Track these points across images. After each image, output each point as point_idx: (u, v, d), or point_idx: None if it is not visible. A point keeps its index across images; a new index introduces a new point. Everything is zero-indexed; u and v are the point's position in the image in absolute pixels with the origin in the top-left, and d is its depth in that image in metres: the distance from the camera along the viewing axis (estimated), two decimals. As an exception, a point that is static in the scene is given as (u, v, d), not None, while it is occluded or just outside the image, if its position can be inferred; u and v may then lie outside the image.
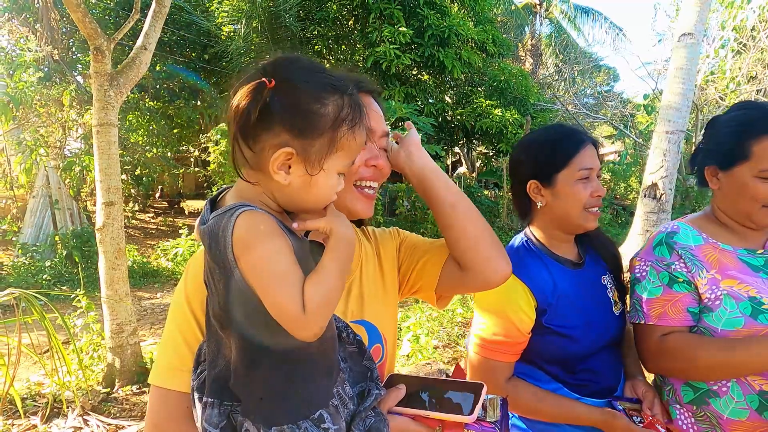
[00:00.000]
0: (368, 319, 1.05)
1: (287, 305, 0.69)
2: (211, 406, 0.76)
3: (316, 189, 0.79)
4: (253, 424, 0.73)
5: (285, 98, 0.75)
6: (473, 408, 0.86)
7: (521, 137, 1.54)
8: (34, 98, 8.49)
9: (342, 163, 0.81)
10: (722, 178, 1.30)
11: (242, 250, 0.70)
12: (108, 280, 3.57)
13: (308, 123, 0.76)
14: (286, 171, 0.77)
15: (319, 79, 0.78)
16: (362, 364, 0.89)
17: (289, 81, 0.76)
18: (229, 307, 0.73)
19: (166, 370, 0.90)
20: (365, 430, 0.80)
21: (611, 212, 13.27)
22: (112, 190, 3.56)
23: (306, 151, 0.76)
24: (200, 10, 12.48)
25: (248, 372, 0.73)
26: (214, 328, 0.78)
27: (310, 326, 0.71)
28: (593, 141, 1.37)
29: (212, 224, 0.73)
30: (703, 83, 10.58)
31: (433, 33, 11.01)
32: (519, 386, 1.32)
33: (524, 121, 12.31)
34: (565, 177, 1.32)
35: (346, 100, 0.79)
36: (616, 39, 21.62)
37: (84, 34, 3.44)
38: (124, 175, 11.84)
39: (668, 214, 5.41)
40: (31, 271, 7.58)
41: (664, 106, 5.45)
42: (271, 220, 0.73)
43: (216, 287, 0.75)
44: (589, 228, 1.36)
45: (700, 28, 5.29)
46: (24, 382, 3.63)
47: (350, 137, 0.79)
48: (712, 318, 1.24)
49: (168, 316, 0.94)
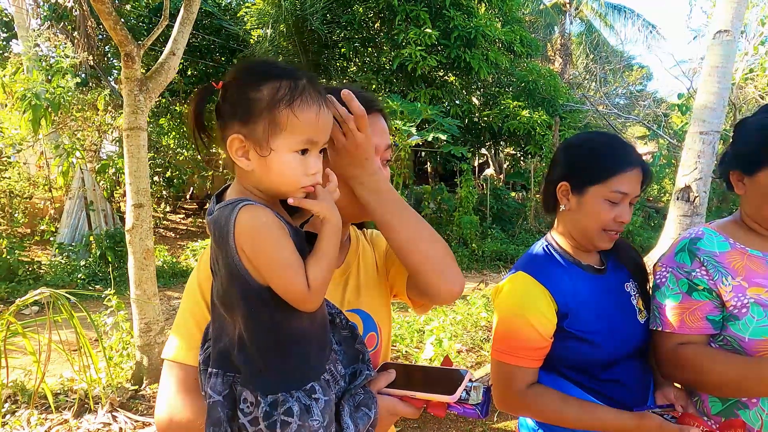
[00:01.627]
0: (364, 308, 1.12)
1: (295, 286, 0.79)
2: (215, 375, 0.84)
3: (277, 169, 0.84)
4: (251, 393, 0.82)
5: (230, 94, 0.84)
6: (455, 389, 0.94)
7: (572, 136, 1.49)
8: (71, 103, 8.80)
9: (292, 142, 0.83)
10: (747, 183, 1.25)
11: (247, 240, 0.79)
12: (137, 280, 3.66)
13: (247, 108, 0.83)
14: (246, 157, 0.84)
15: (258, 70, 0.85)
16: (354, 347, 0.96)
17: (234, 79, 0.85)
18: (230, 289, 0.82)
19: (178, 346, 0.99)
20: (355, 405, 0.90)
21: (643, 215, 12.93)
22: (142, 193, 3.66)
23: (252, 134, 0.83)
24: (229, 15, 12.72)
25: (249, 347, 0.82)
26: (218, 308, 0.86)
27: (314, 300, 0.82)
28: (644, 166, 1.29)
29: (217, 215, 0.82)
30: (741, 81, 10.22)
31: (460, 34, 10.95)
32: (542, 391, 1.28)
33: (553, 122, 12.11)
34: (596, 192, 1.27)
35: (283, 83, 0.83)
36: (650, 37, 21.07)
37: (115, 40, 3.54)
38: (156, 177, 12.17)
39: (702, 217, 5.23)
40: (66, 270, 7.86)
41: (698, 105, 5.27)
42: (270, 213, 0.81)
43: (219, 272, 0.84)
44: (601, 248, 1.33)
45: (737, 25, 5.10)
46: (57, 378, 3.75)
47: (290, 115, 0.82)
48: (738, 326, 1.19)
49: (181, 300, 1.04)
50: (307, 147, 0.85)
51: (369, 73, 12.16)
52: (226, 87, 0.85)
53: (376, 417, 0.90)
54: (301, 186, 0.85)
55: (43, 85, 7.96)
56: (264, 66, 0.86)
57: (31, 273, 7.67)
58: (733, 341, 1.20)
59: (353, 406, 0.89)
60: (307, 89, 0.84)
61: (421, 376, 1.04)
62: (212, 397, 0.83)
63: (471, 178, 11.18)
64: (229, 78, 0.86)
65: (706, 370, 1.19)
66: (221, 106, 0.85)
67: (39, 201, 10.14)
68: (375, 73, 12.11)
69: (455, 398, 0.93)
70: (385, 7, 11.08)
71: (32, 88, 7.56)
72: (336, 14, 11.76)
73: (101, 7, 3.35)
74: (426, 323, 4.68)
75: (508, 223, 12.57)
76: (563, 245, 1.38)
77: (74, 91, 8.89)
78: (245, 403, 0.81)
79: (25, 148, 9.15)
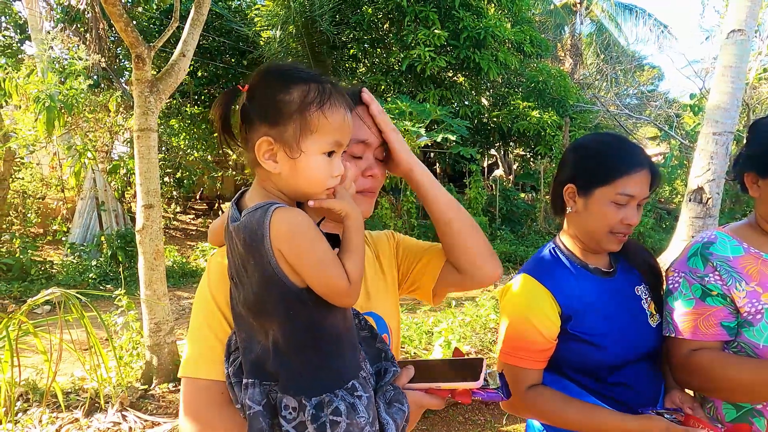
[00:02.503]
0: (375, 311, 1.12)
1: (338, 282, 0.81)
2: (252, 386, 0.83)
3: (305, 171, 0.85)
4: (294, 398, 0.80)
5: (257, 97, 0.85)
6: (479, 376, 0.95)
7: (580, 137, 1.47)
8: (83, 104, 8.90)
9: (322, 143, 0.85)
10: (762, 186, 1.22)
11: (285, 241, 0.79)
12: (147, 280, 3.69)
13: (277, 111, 0.83)
14: (274, 160, 0.85)
15: (286, 74, 0.86)
16: (375, 346, 0.97)
17: (260, 82, 0.86)
18: (264, 295, 0.81)
19: (198, 362, 0.94)
20: (386, 401, 0.90)
21: (655, 216, 12.80)
22: (152, 193, 3.68)
23: (282, 136, 0.84)
24: (239, 17, 12.79)
25: (287, 351, 0.82)
26: (244, 318, 0.85)
27: (355, 293, 0.84)
28: (652, 168, 1.27)
29: (246, 220, 0.81)
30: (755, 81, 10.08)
31: (469, 35, 10.92)
32: (543, 392, 1.27)
33: (563, 122, 12.03)
34: (603, 194, 1.25)
35: (312, 86, 0.85)
36: (661, 37, 20.86)
37: (126, 42, 3.57)
38: (166, 178, 12.27)
39: (715, 219, 5.17)
40: (78, 270, 7.94)
41: (711, 106, 5.21)
42: (304, 213, 0.83)
43: (249, 278, 0.82)
44: (609, 250, 1.32)
45: (751, 24, 5.03)
46: (69, 377, 3.79)
47: (321, 117, 0.84)
48: (752, 333, 1.16)
49: (193, 312, 0.99)
50: (334, 149, 0.86)
51: (378, 74, 12.17)
52: (253, 90, 0.86)
53: (408, 411, 0.91)
54: (327, 187, 0.87)
55: (56, 87, 8.05)
56: (291, 69, 0.87)
57: (43, 272, 7.77)
58: (747, 348, 1.18)
59: (386, 403, 0.89)
60: (334, 93, 0.86)
61: (438, 368, 1.05)
62: (252, 408, 0.82)
63: (480, 179, 11.15)
64: (255, 81, 0.86)
65: (718, 375, 1.17)
66: (247, 108, 0.85)
67: (51, 201, 10.27)
68: (384, 74, 12.12)
69: (480, 383, 0.94)
70: (394, 8, 11.08)
71: (46, 90, 7.65)
72: (345, 15, 11.79)
73: (113, 9, 3.38)
74: (434, 325, 4.67)
75: (518, 224, 12.50)
76: (571, 247, 1.37)
77: (86, 92, 8.99)
78: (287, 409, 0.80)
79: (38, 149, 9.26)
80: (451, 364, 1.05)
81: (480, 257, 1.12)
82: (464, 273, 1.13)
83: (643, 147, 1.36)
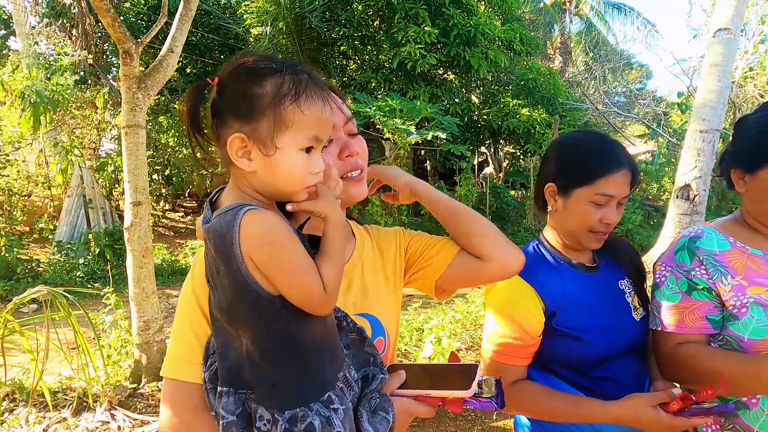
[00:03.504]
0: (372, 312, 1.06)
1: (312, 290, 0.76)
2: (226, 394, 0.79)
3: (282, 169, 0.79)
4: (267, 410, 0.77)
5: (227, 90, 0.79)
6: (470, 384, 0.91)
7: (563, 135, 1.47)
8: (70, 101, 8.78)
9: (299, 139, 0.79)
10: (748, 182, 1.24)
11: (255, 247, 0.73)
12: (135, 278, 3.65)
13: (250, 105, 0.78)
14: (248, 158, 0.79)
15: (258, 65, 0.80)
16: (364, 350, 0.93)
17: (231, 74, 0.80)
18: (236, 302, 0.77)
19: (178, 362, 0.92)
20: (371, 410, 0.86)
21: (643, 213, 12.93)
22: (140, 191, 3.64)
23: (255, 132, 0.78)
24: (229, 14, 12.69)
25: (260, 362, 0.77)
26: (220, 323, 0.81)
27: (331, 302, 0.80)
28: (632, 167, 1.27)
29: (216, 222, 0.76)
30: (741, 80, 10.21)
31: (459, 32, 10.93)
32: (526, 387, 1.28)
33: (552, 120, 12.10)
34: (582, 194, 1.26)
35: (286, 77, 0.79)
36: (649, 35, 21.04)
37: (113, 38, 3.52)
38: (155, 175, 12.15)
39: (702, 216, 5.23)
40: (65, 268, 7.85)
41: (698, 104, 5.27)
42: (277, 216, 0.77)
43: (221, 283, 0.78)
44: (589, 248, 1.33)
45: (737, 23, 5.09)
46: (56, 376, 3.75)
47: (296, 111, 0.78)
48: (738, 326, 1.18)
49: (176, 311, 0.96)
50: (313, 144, 0.81)
51: (368, 71, 12.15)
52: (223, 83, 0.80)
53: (394, 420, 0.87)
54: (306, 186, 0.82)
55: (42, 83, 7.94)
56: (263, 61, 0.81)
57: (29, 271, 7.67)
58: (732, 341, 1.20)
59: (370, 412, 0.85)
60: (310, 84, 0.80)
61: (431, 374, 1.02)
62: (225, 418, 0.78)
63: (470, 176, 11.19)
64: (225, 74, 0.80)
65: (703, 368, 1.18)
66: (217, 103, 0.80)
67: (38, 199, 10.13)
68: (374, 71, 12.10)
69: (471, 393, 0.91)
70: (384, 5, 11.06)
71: (31, 85, 7.54)
72: (335, 12, 11.74)
73: (99, 4, 3.34)
74: (425, 321, 4.68)
75: (508, 221, 12.56)
76: (554, 243, 1.39)
77: (73, 88, 8.87)
78: (261, 420, 0.77)
79: (23, 146, 9.13)
80: (444, 370, 1.02)
81: (500, 239, 1.07)
82: (485, 258, 1.06)
83: (632, 144, 1.37)
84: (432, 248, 1.14)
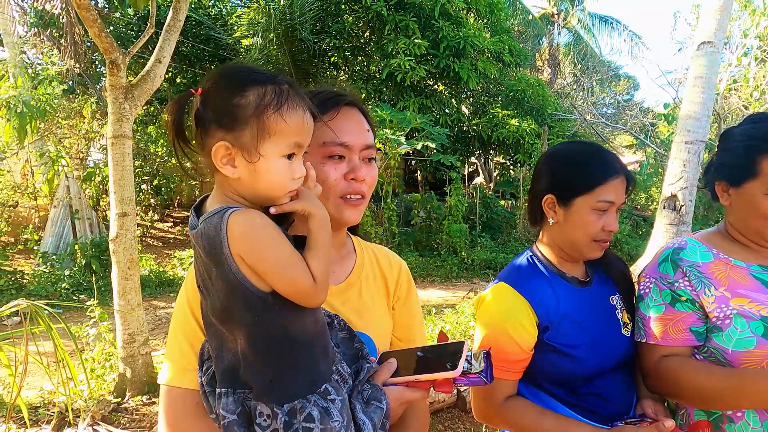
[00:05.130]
0: (365, 331, 1.08)
1: (302, 281, 0.79)
2: (225, 395, 0.82)
3: (265, 175, 0.82)
4: (266, 405, 0.80)
5: (211, 100, 0.82)
6: (457, 363, 0.92)
7: (553, 146, 1.47)
8: (57, 110, 8.70)
9: (281, 146, 0.83)
10: (733, 195, 1.25)
11: (244, 245, 0.77)
12: (120, 290, 3.60)
13: (233, 115, 0.81)
14: (232, 165, 0.82)
15: (241, 76, 0.83)
16: (354, 346, 0.96)
17: (214, 85, 0.83)
18: (230, 302, 0.80)
19: (174, 370, 0.96)
20: (364, 401, 0.89)
21: (631, 223, 13.03)
22: (126, 201, 3.60)
23: (239, 141, 0.81)
24: (219, 24, 12.70)
25: (256, 359, 0.80)
26: (214, 326, 0.83)
27: (321, 293, 0.82)
28: (627, 174, 1.29)
29: (204, 227, 0.79)
30: (726, 92, 10.36)
31: (449, 44, 11.03)
32: (519, 404, 1.26)
33: (541, 131, 12.21)
34: (583, 203, 1.26)
35: (268, 87, 0.82)
36: (635, 48, 21.38)
37: (101, 48, 3.51)
38: (144, 185, 12.04)
39: (689, 226, 5.27)
40: (50, 280, 7.72)
41: (683, 115, 5.33)
42: (262, 214, 0.81)
43: (214, 286, 0.81)
44: (592, 258, 1.32)
45: (720, 36, 5.18)
46: (38, 391, 3.66)
47: (279, 120, 0.81)
48: (722, 338, 1.18)
49: (171, 321, 1.01)
50: (294, 151, 0.84)
51: (359, 82, 12.19)
52: (206, 93, 0.83)
53: (388, 408, 0.90)
54: (288, 191, 0.84)
55: (28, 92, 7.86)
56: (245, 71, 0.85)
57: (13, 283, 7.53)
58: (716, 353, 1.19)
59: (363, 402, 0.88)
60: (291, 93, 0.83)
61: (420, 358, 1.03)
62: (226, 418, 0.81)
63: (460, 186, 11.22)
64: (208, 84, 0.83)
65: (687, 382, 1.18)
66: (201, 113, 0.83)
67: (23, 209, 9.99)
68: (365, 82, 12.15)
69: (459, 372, 0.92)
70: (374, 17, 11.14)
71: (18, 95, 7.47)
72: (326, 24, 11.80)
73: (86, 14, 3.33)
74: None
75: (498, 231, 12.59)
76: (548, 257, 1.37)
77: (60, 98, 8.79)
78: (261, 416, 0.80)
79: (9, 156, 9.02)
80: (431, 352, 1.02)
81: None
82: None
83: (620, 155, 1.38)
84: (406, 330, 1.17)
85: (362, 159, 1.05)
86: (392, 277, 1.18)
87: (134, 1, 2.53)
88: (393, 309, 1.18)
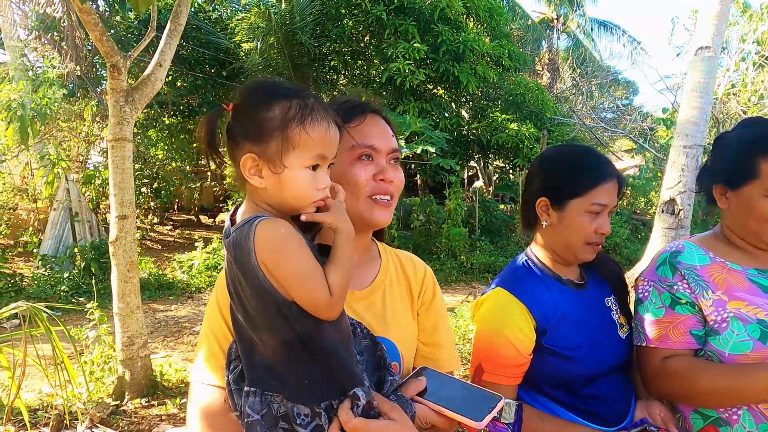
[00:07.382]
0: (389, 337, 1.09)
1: (319, 293, 0.81)
2: (253, 394, 0.84)
3: (290, 185, 0.87)
4: (305, 405, 0.82)
5: (240, 114, 0.88)
6: (484, 417, 0.93)
7: (545, 150, 1.49)
8: (57, 113, 8.71)
9: (305, 158, 0.87)
10: (731, 198, 1.26)
11: (268, 253, 0.80)
12: (120, 292, 3.60)
13: (260, 128, 0.86)
14: (259, 175, 0.87)
15: (268, 91, 0.89)
16: (376, 354, 0.98)
17: (244, 100, 0.89)
18: (259, 308, 0.83)
19: (202, 367, 1.01)
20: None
21: (630, 227, 13.04)
22: (126, 204, 3.61)
23: (265, 153, 0.86)
24: (220, 28, 12.73)
25: (288, 364, 0.84)
26: (245, 331, 0.87)
27: (337, 307, 0.85)
28: (619, 177, 1.31)
29: (235, 236, 0.84)
30: (724, 97, 10.40)
31: (448, 48, 11.06)
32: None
33: (541, 135, 12.22)
34: (577, 205, 1.28)
35: (293, 102, 0.87)
36: (635, 52, 21.45)
37: (101, 51, 3.52)
38: (144, 188, 12.05)
39: (687, 230, 5.29)
40: (50, 283, 7.71)
41: (681, 120, 5.36)
42: (288, 224, 0.84)
43: (244, 292, 0.84)
44: (585, 260, 1.33)
45: (718, 42, 5.21)
46: (36, 393, 3.66)
47: (302, 132, 0.85)
48: (719, 341, 1.19)
49: (203, 321, 1.06)
50: (318, 162, 0.88)
51: (358, 86, 12.23)
52: (237, 108, 0.88)
53: (413, 418, 0.92)
54: (313, 201, 0.88)
55: (29, 95, 7.87)
56: (272, 86, 0.90)
57: (12, 285, 7.52)
58: (714, 356, 1.20)
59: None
60: (315, 107, 0.88)
61: (456, 391, 1.02)
62: (250, 416, 0.83)
63: (460, 190, 11.22)
64: (238, 99, 0.89)
65: (695, 381, 1.18)
66: (232, 126, 0.88)
67: (23, 212, 9.99)
68: (364, 86, 12.18)
69: (481, 426, 0.92)
70: (374, 21, 11.17)
71: (18, 98, 7.48)
72: (326, 28, 11.83)
73: (87, 18, 3.34)
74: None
75: (497, 235, 12.59)
76: (543, 260, 1.38)
77: (61, 101, 8.80)
78: (299, 417, 0.82)
79: (9, 159, 9.03)
80: (468, 391, 1.02)
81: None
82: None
83: (619, 159, 1.40)
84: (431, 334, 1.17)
85: (389, 161, 1.09)
86: (417, 282, 1.20)
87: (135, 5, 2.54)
88: (418, 314, 1.19)
